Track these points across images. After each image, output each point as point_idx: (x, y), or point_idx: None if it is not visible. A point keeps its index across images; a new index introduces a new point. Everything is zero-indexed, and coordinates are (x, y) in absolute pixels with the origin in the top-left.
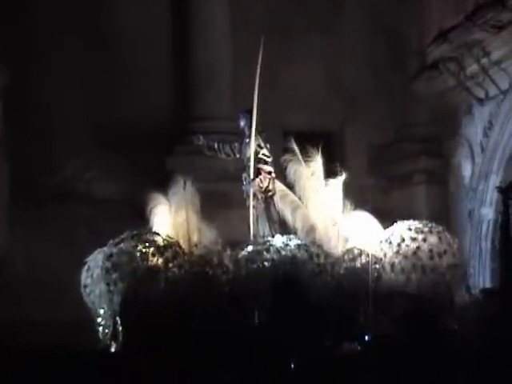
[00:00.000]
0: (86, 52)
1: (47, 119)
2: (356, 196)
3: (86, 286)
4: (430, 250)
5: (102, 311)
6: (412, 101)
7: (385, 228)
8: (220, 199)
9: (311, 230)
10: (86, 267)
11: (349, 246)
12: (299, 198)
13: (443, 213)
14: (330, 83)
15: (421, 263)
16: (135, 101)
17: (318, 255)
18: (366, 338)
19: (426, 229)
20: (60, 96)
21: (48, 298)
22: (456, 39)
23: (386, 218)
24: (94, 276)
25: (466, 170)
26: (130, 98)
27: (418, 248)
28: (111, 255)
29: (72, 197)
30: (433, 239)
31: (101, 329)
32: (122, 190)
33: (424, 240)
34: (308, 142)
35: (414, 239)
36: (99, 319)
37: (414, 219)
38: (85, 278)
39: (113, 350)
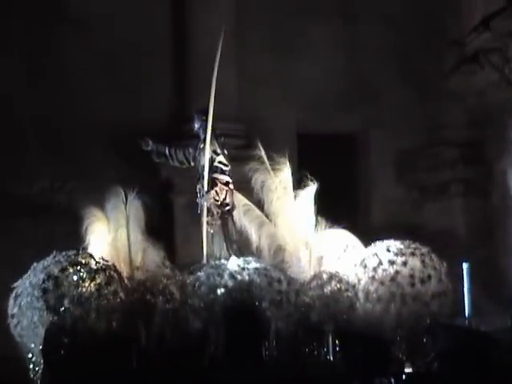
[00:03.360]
0: (65, 39)
1: (17, 120)
2: (382, 210)
3: (13, 316)
4: (411, 276)
5: (32, 345)
6: (448, 99)
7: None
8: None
9: (279, 250)
10: (13, 294)
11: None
12: (266, 214)
13: (485, 230)
14: (351, 77)
15: (400, 291)
16: (126, 97)
17: (279, 281)
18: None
19: (407, 250)
20: (33, 92)
21: None
22: (499, 27)
23: (418, 235)
24: (22, 304)
25: None
26: (120, 95)
27: (397, 273)
28: (36, 281)
29: (50, 210)
30: (414, 263)
31: (31, 366)
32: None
33: (404, 263)
34: (325, 145)
35: (392, 262)
36: (29, 355)
37: (451, 236)
38: (12, 306)
39: None
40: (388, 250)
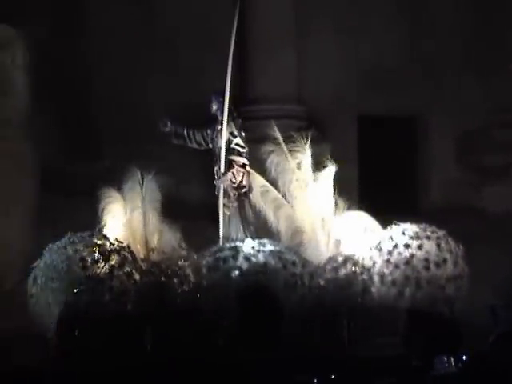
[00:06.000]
0: (132, 25)
1: (84, 100)
2: (442, 192)
3: (31, 296)
4: (426, 259)
5: (49, 325)
6: (510, 80)
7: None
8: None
9: (297, 232)
10: (32, 274)
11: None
12: (284, 196)
13: None
14: (412, 59)
15: (415, 274)
16: (189, 79)
17: (293, 263)
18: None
19: (423, 234)
20: (101, 73)
21: None
22: None
23: (477, 218)
24: (39, 284)
25: None
26: (182, 77)
27: (412, 256)
28: (51, 261)
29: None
30: (430, 246)
31: (51, 345)
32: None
33: (419, 247)
34: (386, 127)
35: (407, 246)
36: (49, 335)
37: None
38: (30, 286)
39: None
40: (403, 234)
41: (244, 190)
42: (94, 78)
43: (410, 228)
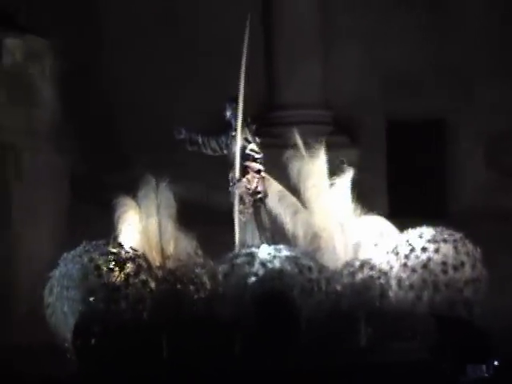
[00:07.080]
0: (160, 37)
1: (113, 108)
2: (472, 195)
3: (48, 306)
4: (444, 263)
5: (66, 334)
6: None
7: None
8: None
9: (315, 237)
10: (48, 283)
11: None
12: (303, 201)
13: None
14: (439, 62)
15: (433, 278)
16: (214, 85)
17: (309, 269)
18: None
19: (439, 237)
20: (131, 82)
21: None
22: None
23: (505, 221)
24: (55, 294)
25: None
26: (206, 82)
27: (430, 260)
28: (66, 270)
29: None
30: (447, 249)
31: (68, 355)
32: (197, 191)
33: (436, 250)
34: (415, 131)
35: (424, 249)
36: (66, 344)
37: None
38: (47, 295)
39: None
40: (420, 237)
41: (259, 195)
42: (121, 89)
43: (427, 231)
